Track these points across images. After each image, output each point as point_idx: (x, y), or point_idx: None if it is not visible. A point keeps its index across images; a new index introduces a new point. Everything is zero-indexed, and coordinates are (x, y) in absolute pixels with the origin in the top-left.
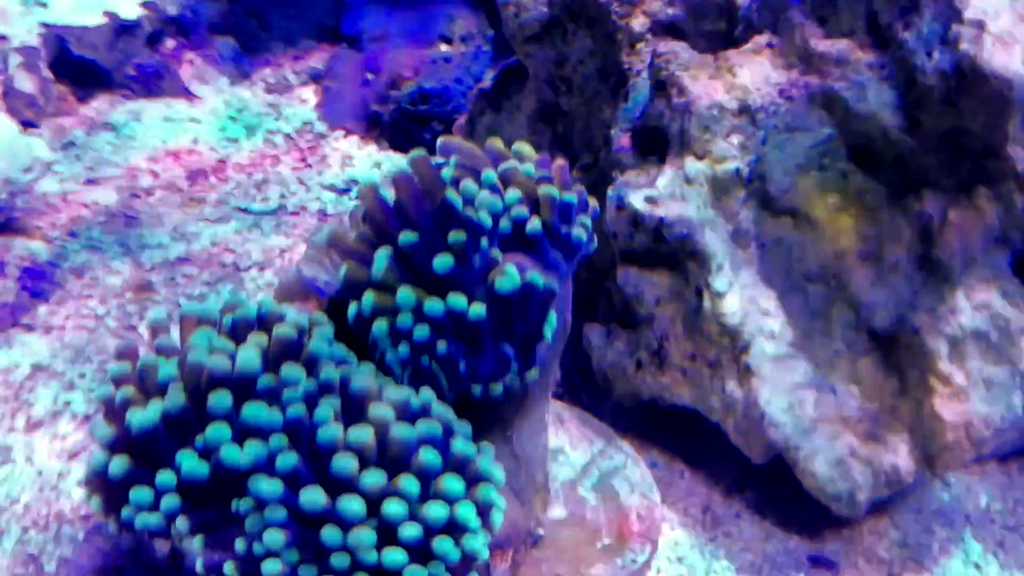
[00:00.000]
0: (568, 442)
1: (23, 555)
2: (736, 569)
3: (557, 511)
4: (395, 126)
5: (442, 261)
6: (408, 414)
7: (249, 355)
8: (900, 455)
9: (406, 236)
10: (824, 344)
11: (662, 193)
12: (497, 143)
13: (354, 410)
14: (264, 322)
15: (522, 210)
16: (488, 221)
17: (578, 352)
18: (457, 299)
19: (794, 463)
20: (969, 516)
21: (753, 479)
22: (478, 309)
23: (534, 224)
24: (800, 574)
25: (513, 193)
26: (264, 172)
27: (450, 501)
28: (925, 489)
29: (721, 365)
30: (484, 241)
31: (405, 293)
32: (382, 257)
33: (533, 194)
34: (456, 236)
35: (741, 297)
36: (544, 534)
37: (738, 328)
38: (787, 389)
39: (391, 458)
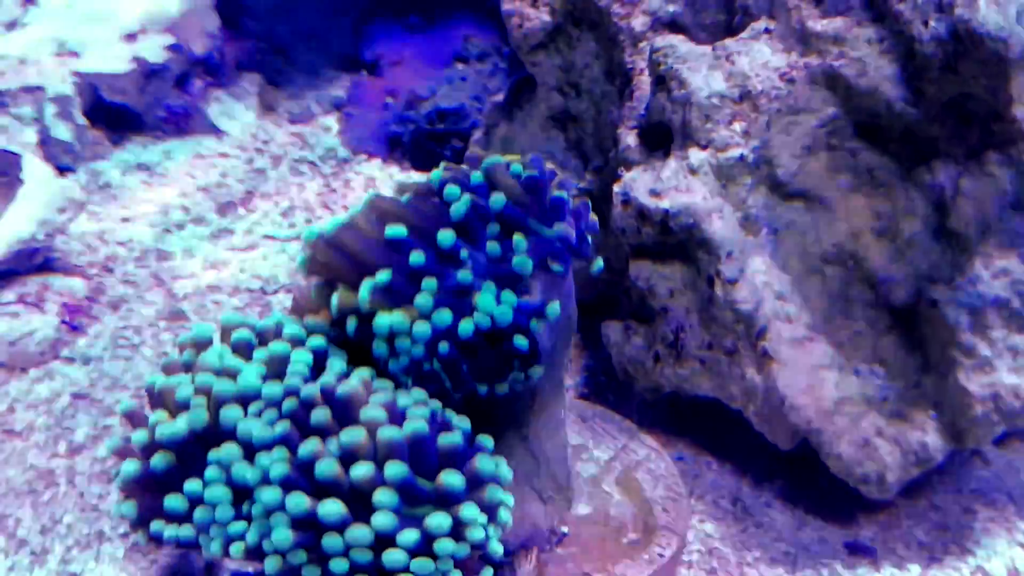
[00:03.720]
0: (591, 439)
1: (66, 574)
2: (770, 560)
3: (582, 508)
4: (415, 146)
5: (421, 299)
6: (395, 414)
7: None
8: (928, 432)
9: (382, 275)
10: (844, 324)
11: (666, 185)
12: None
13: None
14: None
15: (495, 227)
16: (451, 240)
17: (601, 352)
18: (442, 316)
19: (819, 447)
20: (1011, 494)
21: (782, 467)
22: (466, 327)
23: (517, 239)
24: (837, 562)
25: (497, 198)
26: (290, 199)
27: (450, 497)
28: (963, 468)
29: (738, 352)
30: (463, 272)
31: (398, 318)
32: (366, 287)
33: (519, 197)
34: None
35: (754, 283)
36: (569, 531)
37: (752, 314)
38: (807, 372)
39: (380, 460)
